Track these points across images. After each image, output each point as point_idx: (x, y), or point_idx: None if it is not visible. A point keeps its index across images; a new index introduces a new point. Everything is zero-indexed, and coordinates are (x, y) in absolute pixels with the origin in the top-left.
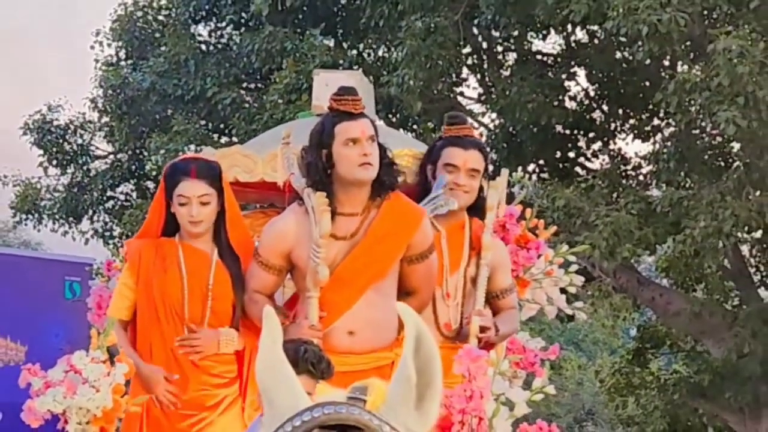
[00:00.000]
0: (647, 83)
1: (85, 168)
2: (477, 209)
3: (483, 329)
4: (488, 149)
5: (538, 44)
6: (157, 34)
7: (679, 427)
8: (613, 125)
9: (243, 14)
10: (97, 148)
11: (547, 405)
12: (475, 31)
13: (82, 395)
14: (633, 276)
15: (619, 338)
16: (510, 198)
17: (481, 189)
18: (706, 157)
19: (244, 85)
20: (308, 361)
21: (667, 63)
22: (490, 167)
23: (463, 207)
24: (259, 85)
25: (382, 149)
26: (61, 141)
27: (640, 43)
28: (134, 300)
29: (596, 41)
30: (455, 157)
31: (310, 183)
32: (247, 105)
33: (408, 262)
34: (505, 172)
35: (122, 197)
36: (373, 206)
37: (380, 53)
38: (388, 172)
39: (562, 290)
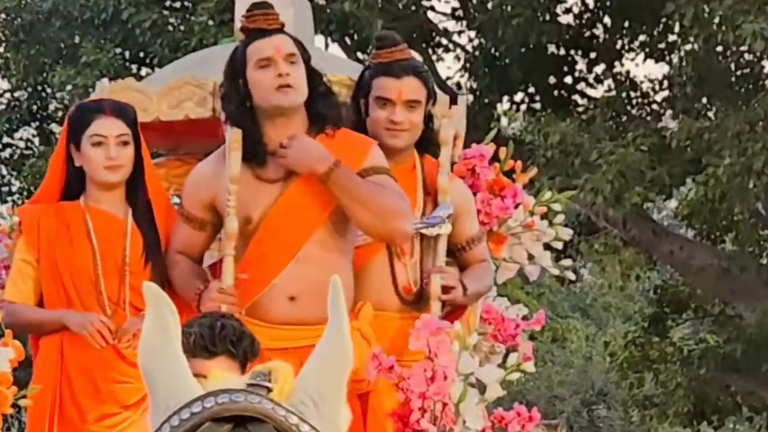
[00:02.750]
0: None
1: None
2: (428, 144)
3: (446, 289)
4: (429, 74)
5: None
6: None
7: (707, 407)
8: (618, 43)
9: None
10: None
11: (548, 386)
12: None
13: None
14: (647, 226)
15: (634, 302)
16: (498, 134)
17: (430, 120)
18: (731, 79)
19: (167, 4)
20: (227, 339)
21: None
22: (448, 97)
23: (406, 146)
24: (186, 3)
25: (316, 75)
26: None
27: None
28: (38, 280)
29: None
30: (387, 88)
31: (228, 118)
32: (171, 28)
33: (364, 174)
34: (462, 99)
35: (21, 144)
36: None
37: None
38: (325, 103)
39: (548, 246)
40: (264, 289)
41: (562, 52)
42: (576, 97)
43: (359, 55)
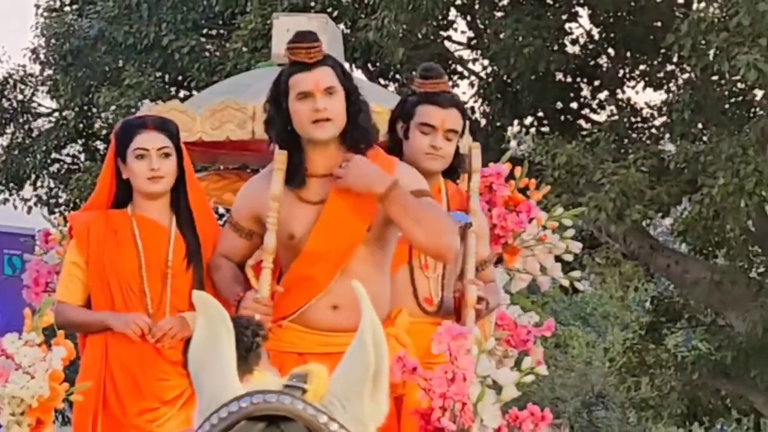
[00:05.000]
0: (659, 24)
1: (26, 127)
2: (452, 171)
3: (479, 300)
4: (466, 107)
5: None
6: None
7: (699, 410)
8: (620, 72)
9: None
10: (40, 104)
11: (551, 388)
12: None
13: (14, 383)
14: (645, 241)
15: (631, 311)
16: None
17: (457, 150)
18: (726, 106)
19: (204, 31)
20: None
21: (680, 0)
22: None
23: (440, 170)
24: (221, 31)
25: (352, 95)
26: None
27: None
28: (86, 281)
29: None
30: (432, 116)
31: (274, 139)
32: (207, 54)
33: None
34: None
35: (69, 160)
36: None
37: None
38: (359, 129)
39: (558, 258)
40: (311, 301)
41: (569, 79)
42: (581, 122)
43: (381, 81)
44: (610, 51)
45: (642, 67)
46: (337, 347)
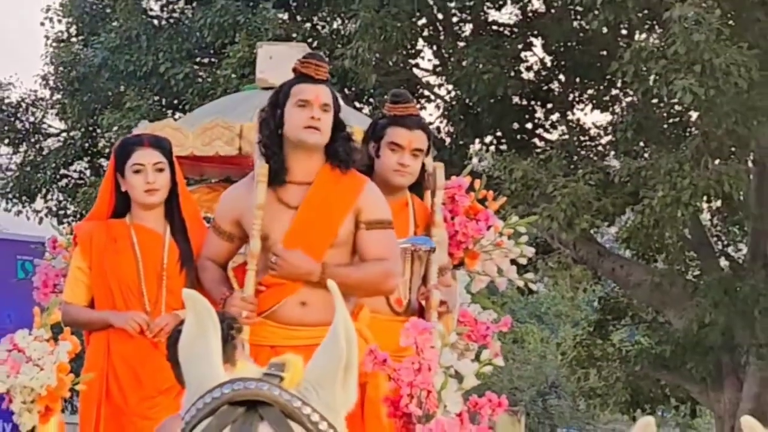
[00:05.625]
0: (604, 52)
1: (37, 146)
2: (418, 186)
3: (441, 303)
4: (431, 128)
5: (494, 14)
6: (108, 10)
7: (641, 398)
8: (570, 96)
9: None
10: (50, 125)
11: (510, 379)
12: (430, 1)
13: (25, 374)
14: (593, 247)
15: (581, 310)
16: (471, 170)
17: (422, 167)
18: (664, 126)
19: (197, 59)
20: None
21: (624, 32)
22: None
23: (407, 185)
24: (212, 59)
25: (341, 123)
26: (12, 119)
27: (596, 11)
28: (89, 284)
29: (552, 11)
30: (400, 136)
31: (260, 143)
32: (200, 80)
33: (367, 226)
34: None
35: (76, 175)
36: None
37: (334, 26)
38: (344, 146)
39: (513, 261)
40: (282, 301)
41: (524, 102)
42: (535, 140)
43: (356, 104)
44: (561, 77)
45: (590, 91)
46: (306, 340)
